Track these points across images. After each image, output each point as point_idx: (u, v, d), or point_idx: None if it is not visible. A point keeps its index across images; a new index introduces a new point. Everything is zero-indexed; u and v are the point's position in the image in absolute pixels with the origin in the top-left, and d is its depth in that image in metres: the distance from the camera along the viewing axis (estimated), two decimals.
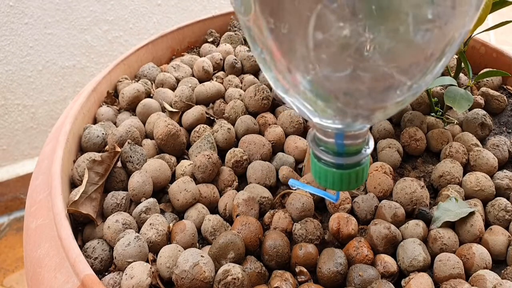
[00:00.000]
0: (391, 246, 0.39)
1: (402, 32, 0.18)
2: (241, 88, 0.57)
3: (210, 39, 0.69)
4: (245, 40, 0.69)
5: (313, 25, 0.18)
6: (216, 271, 0.36)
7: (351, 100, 0.20)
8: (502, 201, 0.42)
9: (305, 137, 0.50)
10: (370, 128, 0.50)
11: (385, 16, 0.17)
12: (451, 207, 0.41)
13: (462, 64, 0.50)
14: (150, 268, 0.36)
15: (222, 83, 0.59)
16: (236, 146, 0.48)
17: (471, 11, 0.19)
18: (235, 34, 0.68)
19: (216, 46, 0.68)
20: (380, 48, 0.18)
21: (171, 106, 0.53)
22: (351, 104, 0.20)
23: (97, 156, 0.44)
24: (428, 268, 0.38)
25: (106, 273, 0.38)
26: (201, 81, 0.58)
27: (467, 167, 0.47)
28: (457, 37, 0.19)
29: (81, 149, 0.48)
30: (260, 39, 0.20)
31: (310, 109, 0.22)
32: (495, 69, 0.54)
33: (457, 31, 0.19)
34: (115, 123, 0.52)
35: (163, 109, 0.54)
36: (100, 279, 0.34)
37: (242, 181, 0.46)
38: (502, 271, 0.37)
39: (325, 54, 0.18)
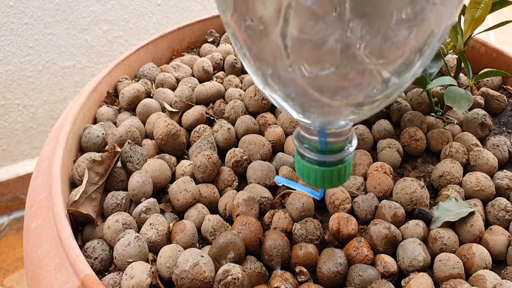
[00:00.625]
0: (391, 246, 0.39)
1: (380, 29, 0.18)
2: (241, 88, 0.57)
3: (210, 39, 0.69)
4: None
5: (285, 23, 0.18)
6: (216, 271, 0.36)
7: (324, 97, 0.20)
8: (502, 201, 0.42)
9: None
10: (370, 128, 0.50)
11: (362, 12, 0.17)
12: (451, 207, 0.41)
13: (462, 64, 0.50)
14: (150, 268, 0.36)
15: (222, 83, 0.59)
16: (236, 146, 0.48)
17: (451, 7, 0.19)
18: None
19: (216, 46, 0.68)
20: (357, 44, 0.18)
21: (171, 106, 0.53)
22: (324, 101, 0.20)
23: (97, 156, 0.44)
24: (428, 268, 0.38)
25: (106, 273, 0.38)
26: (201, 81, 0.58)
27: (467, 167, 0.47)
28: (436, 32, 0.19)
29: (81, 149, 0.48)
30: (240, 35, 0.20)
31: (289, 105, 0.22)
32: (495, 69, 0.54)
33: (437, 26, 0.19)
34: (115, 123, 0.52)
35: (163, 109, 0.54)
36: (100, 279, 0.34)
37: (242, 181, 0.46)
38: (502, 271, 0.37)
39: (298, 51, 0.19)
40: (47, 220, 0.39)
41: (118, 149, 0.44)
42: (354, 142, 0.24)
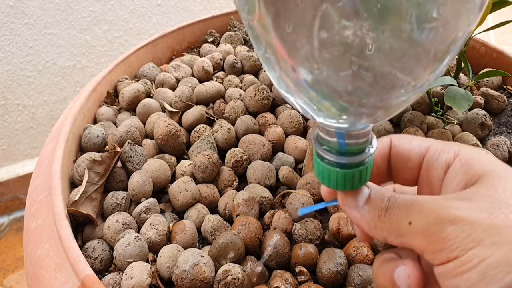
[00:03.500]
0: (391, 246, 0.39)
1: (406, 31, 0.18)
2: (241, 88, 0.57)
3: (210, 39, 0.69)
4: (245, 40, 0.69)
5: (318, 24, 0.18)
6: (216, 271, 0.36)
7: (354, 99, 0.20)
8: None
9: (305, 137, 0.50)
10: None
11: (389, 15, 0.17)
12: None
13: (462, 64, 0.50)
14: (150, 268, 0.36)
15: (222, 83, 0.59)
16: (236, 146, 0.48)
17: (475, 10, 0.19)
18: (235, 34, 0.68)
19: (216, 46, 0.68)
20: (383, 47, 0.18)
21: (171, 106, 0.53)
22: (355, 103, 0.20)
23: (97, 156, 0.44)
24: None
25: (106, 273, 0.38)
26: (201, 81, 0.58)
27: None
28: (460, 36, 0.19)
29: (81, 149, 0.48)
30: (264, 38, 0.20)
31: (314, 109, 0.22)
32: (495, 69, 0.54)
33: (461, 30, 0.19)
34: (115, 123, 0.52)
35: (163, 109, 0.54)
36: (100, 279, 0.34)
37: (242, 181, 0.46)
38: None
39: (329, 53, 0.18)
40: (47, 220, 0.39)
41: (118, 149, 0.44)
42: (375, 143, 0.24)
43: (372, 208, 0.23)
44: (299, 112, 0.35)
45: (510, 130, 0.53)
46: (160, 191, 0.45)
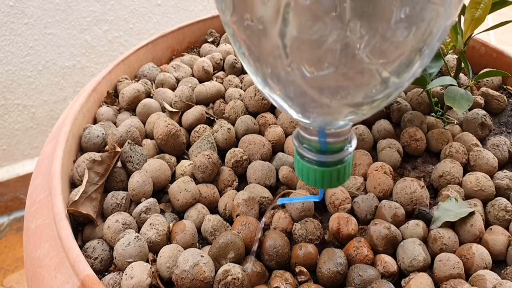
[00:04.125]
0: (391, 246, 0.39)
1: (380, 28, 0.18)
2: (241, 88, 0.57)
3: (210, 39, 0.69)
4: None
5: (283, 23, 0.18)
6: (216, 271, 0.36)
7: (326, 97, 0.20)
8: (502, 201, 0.42)
9: None
10: (370, 128, 0.50)
11: (361, 13, 0.17)
12: (451, 207, 0.41)
13: (462, 64, 0.50)
14: (150, 268, 0.36)
15: (222, 83, 0.59)
16: (236, 146, 0.48)
17: (450, 7, 0.19)
18: None
19: (216, 46, 0.68)
20: (355, 45, 0.18)
21: (171, 106, 0.53)
22: (325, 101, 0.20)
23: (97, 156, 0.44)
24: (428, 268, 0.38)
25: (106, 273, 0.38)
26: (201, 81, 0.58)
27: (467, 167, 0.47)
28: (435, 32, 0.19)
29: (81, 149, 0.48)
30: (239, 35, 0.20)
31: (287, 105, 0.22)
32: (495, 69, 0.54)
33: (436, 26, 0.19)
34: (115, 123, 0.52)
35: (163, 109, 0.54)
36: (100, 279, 0.34)
37: (242, 181, 0.46)
38: (502, 271, 0.37)
39: (296, 51, 0.19)
40: (47, 220, 0.39)
41: (118, 149, 0.44)
42: (354, 142, 0.24)
43: None
44: None
45: (510, 130, 0.53)
46: (160, 191, 0.45)
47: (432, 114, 0.53)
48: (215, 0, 0.21)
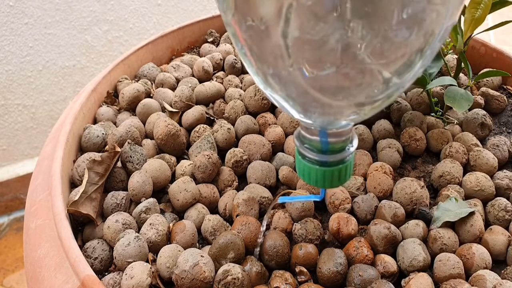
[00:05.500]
0: (391, 246, 0.39)
1: (381, 29, 0.18)
2: (241, 88, 0.57)
3: (210, 39, 0.69)
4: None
5: (286, 23, 0.18)
6: (216, 271, 0.36)
7: (327, 97, 0.20)
8: (502, 201, 0.42)
9: None
10: (370, 128, 0.50)
11: (362, 13, 0.17)
12: (451, 207, 0.41)
13: (462, 64, 0.50)
14: (150, 268, 0.36)
15: (222, 83, 0.59)
16: (236, 146, 0.48)
17: (451, 7, 0.19)
18: None
19: (216, 46, 0.68)
20: (357, 45, 0.18)
21: (171, 106, 0.53)
22: (327, 101, 0.21)
23: (97, 156, 0.44)
24: (428, 268, 0.38)
25: (106, 273, 0.38)
26: (201, 81, 0.58)
27: (467, 167, 0.47)
28: (437, 32, 0.19)
29: (81, 149, 0.48)
30: (241, 36, 0.20)
31: (289, 105, 0.22)
32: (495, 69, 0.54)
33: (437, 27, 0.19)
34: (115, 123, 0.52)
35: (163, 109, 0.54)
36: (100, 279, 0.34)
37: (242, 181, 0.46)
38: (502, 271, 0.37)
39: (299, 51, 0.19)
40: (47, 220, 0.39)
41: (118, 149, 0.44)
42: (355, 142, 0.24)
43: None
44: None
45: (510, 130, 0.53)
46: (160, 191, 0.45)
47: (432, 114, 0.53)
48: (216, 0, 0.21)
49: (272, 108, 0.54)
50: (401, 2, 0.17)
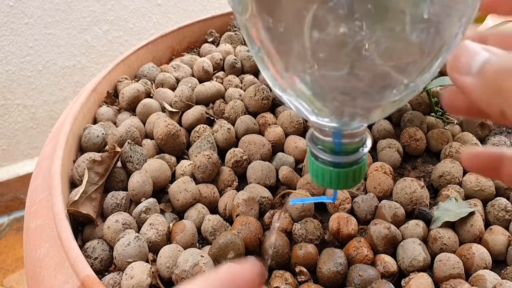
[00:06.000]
0: (391, 246, 0.39)
1: (398, 31, 0.18)
2: (241, 88, 0.57)
3: (210, 39, 0.69)
4: (245, 40, 0.69)
5: (310, 24, 0.18)
6: None
7: (348, 99, 0.20)
8: (502, 201, 0.42)
9: (305, 137, 0.50)
10: (370, 128, 0.50)
11: (382, 15, 0.17)
12: (451, 207, 0.41)
13: None
14: (150, 268, 0.36)
15: (222, 83, 0.59)
16: (236, 146, 0.48)
17: (468, 11, 0.19)
18: (235, 34, 0.68)
19: (216, 46, 0.68)
20: (376, 47, 0.18)
21: (171, 106, 0.53)
22: (348, 103, 0.20)
23: (97, 156, 0.44)
24: (428, 268, 0.38)
25: (106, 273, 0.38)
26: (201, 81, 0.58)
27: None
28: (453, 36, 0.19)
29: (81, 149, 0.48)
30: (258, 37, 0.20)
31: (307, 108, 0.22)
32: None
33: (453, 30, 0.19)
34: (115, 123, 0.52)
35: (163, 109, 0.54)
36: (100, 279, 0.34)
37: (242, 181, 0.46)
38: (502, 271, 0.37)
39: (322, 53, 0.19)
40: (47, 220, 0.39)
41: (118, 149, 0.44)
42: (369, 143, 0.24)
43: (494, 69, 0.18)
44: None
45: (510, 130, 0.53)
46: (160, 191, 0.45)
47: (432, 114, 0.53)
48: (231, 1, 0.20)
49: (272, 108, 0.54)
50: (422, 2, 0.17)
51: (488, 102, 0.18)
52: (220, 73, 0.61)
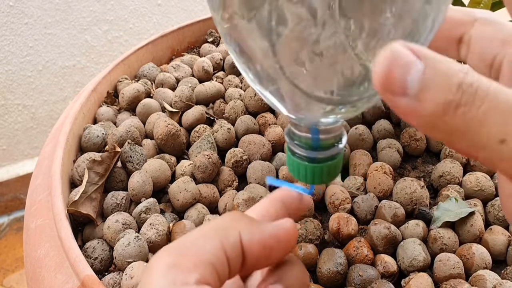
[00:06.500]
0: (391, 246, 0.39)
1: (371, 25, 0.18)
2: (241, 88, 0.57)
3: (210, 39, 0.69)
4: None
5: (275, 19, 0.18)
6: None
7: (318, 94, 0.20)
8: None
9: None
10: (370, 128, 0.50)
11: (353, 11, 0.17)
12: (451, 207, 0.41)
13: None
14: None
15: (222, 83, 0.59)
16: (236, 146, 0.48)
17: (438, 4, 0.19)
18: None
19: (216, 46, 0.68)
20: (348, 42, 0.18)
21: (171, 106, 0.53)
22: (317, 98, 0.21)
23: (97, 156, 0.44)
24: (428, 268, 0.38)
25: (106, 273, 0.38)
26: (201, 81, 0.58)
27: (467, 167, 0.47)
28: (421, 30, 0.19)
29: (81, 149, 0.48)
30: (230, 33, 0.20)
31: (278, 102, 0.22)
32: None
33: (416, 24, 0.19)
34: (115, 123, 0.52)
35: (163, 109, 0.54)
36: (100, 279, 0.34)
37: (242, 181, 0.46)
38: (502, 271, 0.37)
39: (286, 48, 0.19)
40: (47, 220, 0.39)
41: (118, 149, 0.44)
42: (344, 140, 0.25)
43: (435, 92, 0.14)
44: None
45: None
46: (160, 191, 0.45)
47: None
48: (208, 0, 0.21)
49: (272, 108, 0.54)
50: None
51: (432, 131, 0.15)
52: (220, 73, 0.61)
